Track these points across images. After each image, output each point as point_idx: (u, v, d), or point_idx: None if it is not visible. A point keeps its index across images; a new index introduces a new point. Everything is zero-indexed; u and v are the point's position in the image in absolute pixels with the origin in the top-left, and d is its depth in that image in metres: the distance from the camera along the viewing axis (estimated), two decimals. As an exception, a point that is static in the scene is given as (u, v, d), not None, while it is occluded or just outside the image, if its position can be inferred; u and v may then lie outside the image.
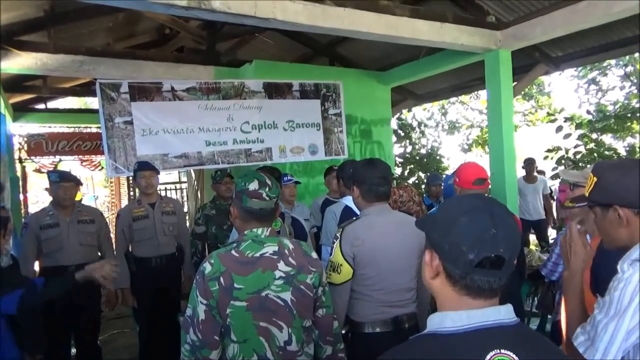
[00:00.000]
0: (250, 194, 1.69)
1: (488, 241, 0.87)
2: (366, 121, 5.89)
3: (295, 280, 1.66)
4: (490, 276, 0.88)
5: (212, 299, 1.57)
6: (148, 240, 3.52)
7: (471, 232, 0.88)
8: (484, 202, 0.94)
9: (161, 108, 4.20)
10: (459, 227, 0.89)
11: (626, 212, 1.24)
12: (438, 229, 0.93)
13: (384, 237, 1.97)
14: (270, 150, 4.70)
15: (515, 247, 0.90)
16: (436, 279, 0.94)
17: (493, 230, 0.88)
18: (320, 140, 4.99)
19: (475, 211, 0.91)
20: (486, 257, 0.87)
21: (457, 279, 0.90)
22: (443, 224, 0.92)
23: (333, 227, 2.79)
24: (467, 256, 0.87)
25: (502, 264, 0.88)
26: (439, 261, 0.93)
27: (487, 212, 0.90)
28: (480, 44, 4.29)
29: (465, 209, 0.92)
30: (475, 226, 0.88)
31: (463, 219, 0.90)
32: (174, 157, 4.27)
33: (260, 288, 1.61)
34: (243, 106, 4.55)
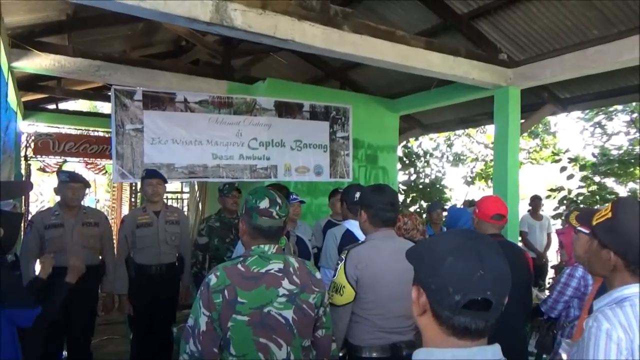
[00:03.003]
0: (260, 211, 1.72)
1: (475, 283, 0.85)
2: (373, 146, 5.95)
3: (297, 298, 1.68)
4: (477, 318, 0.86)
5: (215, 311, 1.59)
6: (150, 247, 3.53)
7: (457, 274, 0.86)
8: (472, 241, 0.91)
9: (172, 118, 4.28)
10: (445, 267, 0.87)
11: (618, 262, 1.25)
12: (425, 268, 0.92)
13: (387, 263, 2.00)
14: (276, 168, 4.76)
15: (504, 289, 0.88)
16: (423, 316, 0.93)
17: (480, 271, 0.85)
18: (326, 161, 5.05)
19: (463, 251, 0.89)
20: (473, 299, 0.85)
21: (443, 319, 0.88)
22: (429, 263, 0.91)
23: (333, 250, 2.81)
24: (453, 298, 0.85)
25: (490, 307, 0.86)
26: (425, 299, 0.91)
27: (475, 252, 0.88)
28: (490, 79, 4.37)
29: (452, 248, 0.90)
30: (462, 267, 0.86)
31: (449, 259, 0.88)
32: (179, 168, 4.32)
33: (263, 304, 1.63)
34: (253, 122, 4.63)
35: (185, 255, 3.79)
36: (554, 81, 4.54)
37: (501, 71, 4.45)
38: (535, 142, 11.80)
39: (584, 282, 2.54)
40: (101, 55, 4.66)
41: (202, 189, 7.18)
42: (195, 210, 7.42)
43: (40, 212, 3.50)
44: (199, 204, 7.25)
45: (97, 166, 8.65)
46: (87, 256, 3.33)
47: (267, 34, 3.06)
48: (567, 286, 2.58)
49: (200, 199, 7.29)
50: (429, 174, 9.26)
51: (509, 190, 4.49)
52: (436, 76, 4.30)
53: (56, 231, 3.26)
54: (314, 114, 4.97)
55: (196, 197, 7.47)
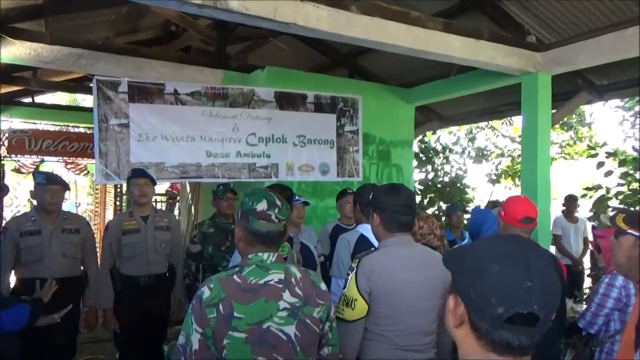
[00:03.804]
0: (258, 215, 1.72)
1: (521, 295, 0.85)
2: (385, 142, 5.94)
3: (300, 312, 1.68)
4: (521, 334, 0.86)
5: (209, 327, 1.59)
6: (137, 257, 3.53)
7: (502, 284, 0.86)
8: (520, 247, 0.92)
9: (161, 112, 4.28)
10: (489, 276, 0.88)
11: None
12: (465, 275, 0.92)
13: (405, 272, 1.98)
14: (277, 167, 4.76)
15: (552, 303, 0.88)
16: (460, 328, 0.93)
17: (528, 282, 0.86)
18: (332, 159, 5.04)
19: (509, 259, 0.89)
20: (518, 313, 0.85)
21: (483, 333, 0.89)
22: (471, 270, 0.91)
23: (346, 258, 2.81)
24: (495, 310, 0.86)
25: (536, 322, 0.86)
26: (464, 309, 0.92)
27: (523, 260, 0.88)
28: (517, 65, 4.34)
29: (497, 255, 0.90)
30: (507, 277, 0.87)
31: (494, 267, 0.88)
32: (170, 167, 4.32)
33: (262, 319, 1.62)
34: (251, 116, 4.63)
35: (177, 265, 3.80)
36: (589, 66, 4.49)
37: (529, 55, 4.42)
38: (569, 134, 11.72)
39: (625, 292, 2.51)
40: (82, 43, 4.67)
41: (194, 191, 7.20)
42: (188, 214, 7.45)
43: (15, 218, 3.53)
44: (192, 208, 7.27)
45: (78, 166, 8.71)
46: (68, 266, 3.37)
47: (267, 16, 3.04)
48: (607, 297, 2.55)
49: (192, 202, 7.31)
50: (449, 171, 9.21)
51: (539, 189, 4.46)
52: (456, 62, 4.27)
53: (33, 239, 3.27)
54: (319, 106, 4.96)
55: (188, 199, 7.50)
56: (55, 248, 3.34)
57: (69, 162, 8.56)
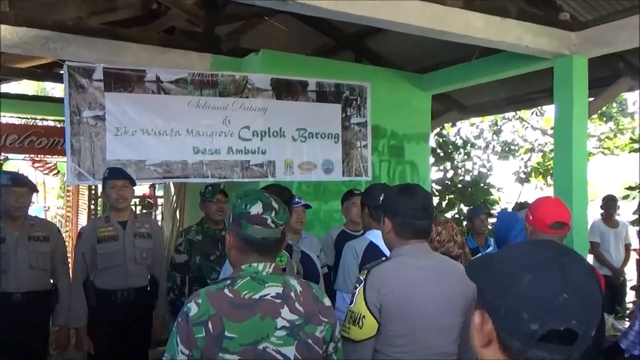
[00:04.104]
0: (251, 219, 1.72)
1: (557, 309, 0.85)
2: (398, 135, 5.94)
3: (301, 331, 1.68)
4: (557, 353, 0.86)
5: (196, 348, 1.59)
6: (114, 268, 3.54)
7: (535, 296, 0.86)
8: (555, 254, 0.91)
9: (142, 102, 4.29)
10: (520, 288, 0.88)
11: None
12: (493, 287, 0.92)
13: (421, 285, 1.98)
14: (274, 165, 4.76)
15: (593, 318, 0.88)
16: (487, 348, 0.93)
17: (565, 295, 0.86)
18: (337, 155, 5.04)
19: (543, 268, 0.89)
20: (553, 329, 0.85)
21: (514, 352, 0.88)
22: (500, 282, 0.91)
23: (353, 269, 2.81)
24: (528, 326, 0.86)
25: (574, 339, 0.86)
26: (492, 327, 0.92)
27: (559, 269, 0.88)
28: (549, 47, 4.33)
29: (530, 263, 0.90)
30: (542, 288, 0.87)
31: (525, 278, 0.88)
32: (152, 165, 4.33)
33: (258, 339, 1.63)
34: (244, 106, 4.63)
35: (160, 278, 3.80)
36: (632, 47, 4.47)
37: (563, 35, 4.41)
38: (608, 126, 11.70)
39: (674, 307, 2.50)
40: (51, 24, 4.67)
41: (179, 193, 7.22)
42: (172, 220, 7.46)
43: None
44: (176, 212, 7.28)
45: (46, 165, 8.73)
46: (35, 279, 3.37)
47: (261, -8, 3.05)
48: (653, 313, 2.55)
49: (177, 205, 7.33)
50: (470, 169, 9.21)
51: (575, 189, 4.45)
52: (479, 44, 4.27)
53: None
54: (321, 95, 4.96)
55: (172, 202, 7.51)
56: (22, 258, 3.34)
57: (36, 160, 8.59)
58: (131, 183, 3.70)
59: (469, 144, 9.63)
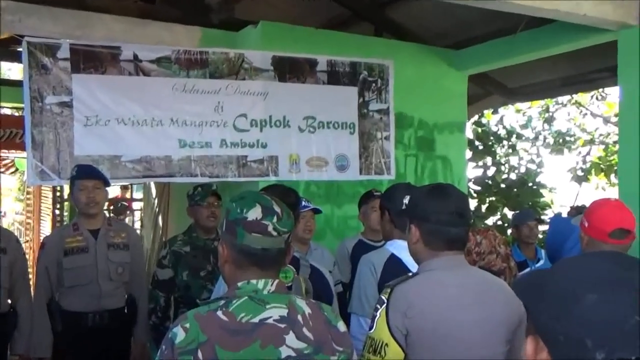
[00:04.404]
0: (249, 225, 1.71)
1: (627, 335, 0.84)
2: (427, 125, 5.92)
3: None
4: None
5: (183, 382, 1.58)
6: (85, 286, 3.54)
7: (601, 320, 0.85)
8: (623, 269, 0.91)
9: (116, 86, 4.30)
10: (583, 310, 0.87)
11: None
12: (548, 309, 0.92)
13: (455, 307, 1.97)
14: (276, 161, 4.77)
15: None
16: None
17: (636, 317, 0.84)
18: (354, 149, 5.04)
19: (608, 285, 0.88)
20: (622, 359, 0.84)
21: None
22: (557, 303, 0.91)
23: (370, 287, 2.79)
24: (592, 355, 0.84)
25: None
26: (547, 356, 0.92)
27: (627, 287, 0.87)
28: (612, 16, 4.29)
29: (592, 281, 0.90)
30: (608, 310, 0.85)
31: (589, 298, 0.87)
32: (129, 162, 4.35)
33: (258, 372, 1.62)
34: (240, 90, 4.64)
35: (139, 298, 3.81)
36: None
37: (630, 2, 4.36)
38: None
39: None
40: (7, -9, 4.71)
41: (162, 195, 7.24)
42: (153, 227, 7.49)
43: None
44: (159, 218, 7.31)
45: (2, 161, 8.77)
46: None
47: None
48: None
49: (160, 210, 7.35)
50: (516, 165, 9.17)
51: (644, 189, 4.41)
52: (525, 12, 4.24)
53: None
54: (333, 76, 4.96)
55: (154, 207, 7.54)
56: (-27, 274, 3.35)
57: (-9, 157, 8.63)
58: (104, 183, 3.71)
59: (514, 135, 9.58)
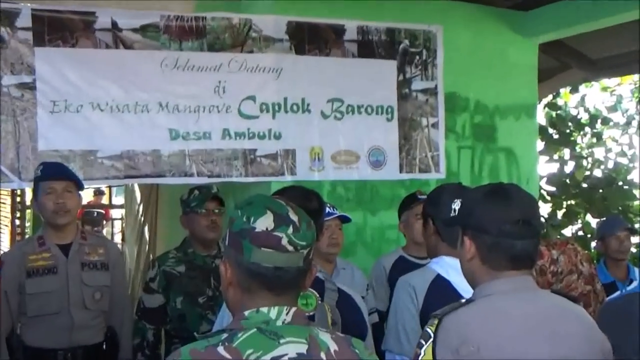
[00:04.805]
0: (258, 238, 1.71)
1: None
2: (486, 108, 5.89)
3: (337, 413, 1.69)
4: None
5: None
6: (53, 316, 3.55)
7: None
8: None
9: (90, 62, 4.34)
10: None
11: None
12: None
13: (521, 344, 1.95)
14: (294, 155, 4.79)
15: None
16: None
17: None
18: (392, 140, 5.06)
19: None
20: None
21: None
22: None
23: (410, 317, 2.79)
24: None
25: None
26: None
27: None
28: None
29: None
30: None
31: None
32: (106, 159, 4.39)
33: None
34: (246, 66, 4.66)
35: (122, 331, 3.84)
36: None
37: None
38: None
39: None
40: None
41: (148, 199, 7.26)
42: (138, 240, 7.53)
43: None
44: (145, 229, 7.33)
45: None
46: None
47: None
48: None
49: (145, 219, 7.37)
50: (602, 159, 9.08)
51: None
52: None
53: None
54: (366, 46, 4.97)
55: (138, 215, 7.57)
56: None
57: None
58: (77, 186, 3.72)
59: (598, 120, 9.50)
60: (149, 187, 6.99)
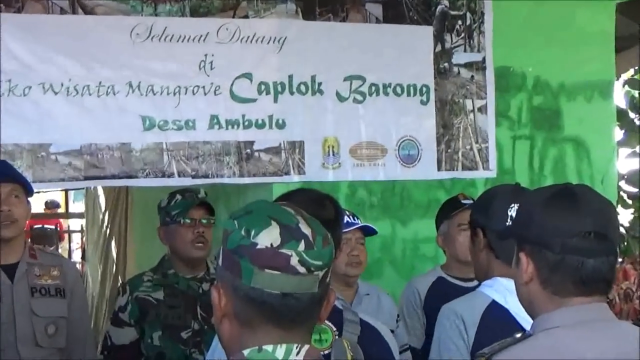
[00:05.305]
0: (261, 257, 1.70)
1: None
2: (548, 87, 5.90)
3: None
4: None
5: None
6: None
7: None
8: None
9: (41, 32, 4.38)
10: None
11: None
12: None
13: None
14: (302, 149, 4.82)
15: None
16: None
17: None
18: (428, 129, 5.09)
19: None
20: None
21: None
22: None
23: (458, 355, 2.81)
24: None
25: None
26: None
27: None
28: None
29: None
30: None
31: None
32: (62, 155, 4.43)
33: None
34: (240, 35, 4.70)
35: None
36: None
37: None
38: None
39: None
40: None
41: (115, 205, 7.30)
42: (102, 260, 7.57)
43: None
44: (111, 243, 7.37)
45: None
46: None
47: None
48: None
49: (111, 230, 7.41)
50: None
51: None
52: None
53: None
54: (393, 9, 5.00)
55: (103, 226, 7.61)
56: None
57: None
58: (25, 189, 3.75)
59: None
60: (116, 190, 7.04)
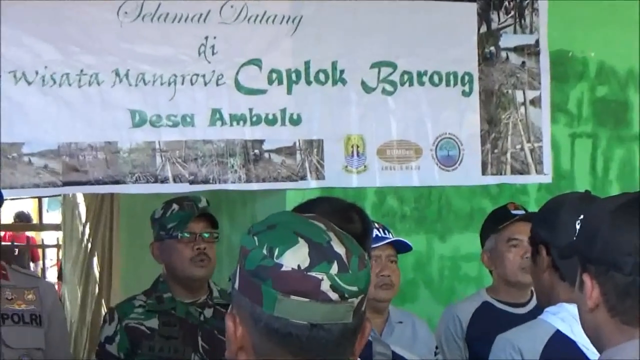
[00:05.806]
0: (286, 281, 1.67)
1: None
2: (614, 75, 5.90)
3: None
4: None
5: None
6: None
7: None
8: None
9: (11, 12, 4.38)
10: None
11: None
12: None
13: None
14: (320, 149, 4.83)
15: None
16: None
17: None
18: (471, 125, 5.11)
19: None
20: None
21: None
22: None
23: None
24: None
25: None
26: None
27: None
28: None
29: None
30: None
31: None
32: (36, 156, 4.46)
33: None
34: (248, 15, 4.72)
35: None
36: None
37: None
38: None
39: None
40: None
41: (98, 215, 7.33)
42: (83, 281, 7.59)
43: None
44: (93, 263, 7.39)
45: None
46: None
47: None
48: None
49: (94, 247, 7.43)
50: None
51: None
52: None
53: None
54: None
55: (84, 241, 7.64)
56: None
57: None
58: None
59: None
60: (99, 198, 7.06)
